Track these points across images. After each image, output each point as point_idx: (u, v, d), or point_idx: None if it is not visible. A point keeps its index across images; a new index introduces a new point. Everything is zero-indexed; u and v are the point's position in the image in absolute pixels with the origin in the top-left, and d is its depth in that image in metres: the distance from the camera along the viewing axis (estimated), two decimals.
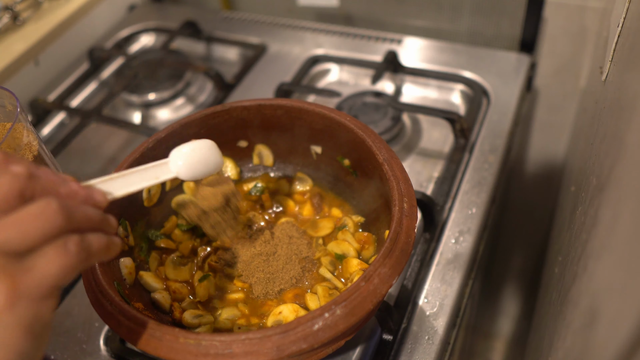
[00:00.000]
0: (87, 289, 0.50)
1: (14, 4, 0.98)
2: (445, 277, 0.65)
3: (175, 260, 0.61)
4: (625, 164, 0.35)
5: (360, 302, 0.45)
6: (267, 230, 0.63)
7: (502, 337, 1.45)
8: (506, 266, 1.38)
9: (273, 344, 0.43)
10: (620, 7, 0.58)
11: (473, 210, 0.71)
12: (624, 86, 0.46)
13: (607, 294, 0.32)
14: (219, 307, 0.58)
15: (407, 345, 0.60)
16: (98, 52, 1.00)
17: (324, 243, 0.62)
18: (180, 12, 1.11)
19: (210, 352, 0.44)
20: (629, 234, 0.30)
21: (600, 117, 0.58)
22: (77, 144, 0.89)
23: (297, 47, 0.99)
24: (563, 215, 0.85)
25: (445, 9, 1.00)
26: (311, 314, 0.44)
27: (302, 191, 0.67)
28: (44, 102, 0.92)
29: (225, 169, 0.68)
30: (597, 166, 0.50)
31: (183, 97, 0.96)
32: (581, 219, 0.53)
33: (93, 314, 0.66)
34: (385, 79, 0.92)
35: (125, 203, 0.59)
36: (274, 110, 0.63)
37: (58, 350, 0.64)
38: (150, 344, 0.45)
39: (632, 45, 0.47)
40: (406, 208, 0.51)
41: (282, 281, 0.58)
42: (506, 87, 0.87)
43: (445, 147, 0.81)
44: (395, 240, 0.49)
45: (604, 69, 0.62)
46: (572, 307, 0.43)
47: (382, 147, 0.56)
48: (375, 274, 0.46)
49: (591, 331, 0.33)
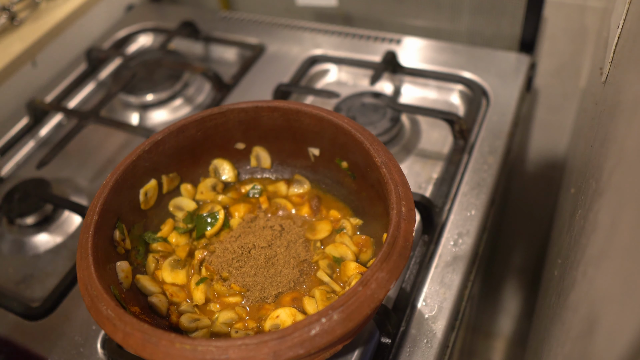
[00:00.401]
0: (83, 293, 0.50)
1: (11, 5, 0.98)
2: (444, 280, 0.65)
3: (173, 263, 0.60)
4: (625, 170, 0.35)
5: (357, 307, 0.45)
6: (265, 233, 0.62)
7: (502, 336, 1.45)
8: (506, 265, 1.38)
9: (270, 349, 0.43)
10: (621, 8, 0.57)
11: (472, 212, 0.71)
12: (624, 89, 0.46)
13: (606, 303, 0.31)
14: (216, 310, 0.58)
15: (405, 348, 0.59)
16: (96, 53, 0.99)
17: (322, 246, 0.61)
18: (178, 12, 1.11)
19: (206, 357, 0.43)
20: (628, 242, 0.29)
21: (600, 119, 0.57)
22: (75, 145, 0.89)
23: (296, 48, 0.99)
24: (563, 217, 0.84)
25: (444, 8, 1.00)
26: (308, 319, 0.44)
27: (299, 194, 0.67)
28: (41, 103, 0.92)
29: (222, 171, 0.67)
30: (596, 169, 0.49)
31: (181, 98, 0.95)
32: (581, 223, 0.52)
33: (90, 317, 0.66)
34: (384, 80, 0.91)
35: (122, 206, 0.59)
36: (271, 113, 0.63)
37: (55, 354, 0.64)
38: (146, 349, 0.45)
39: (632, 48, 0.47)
40: (404, 212, 0.51)
41: (280, 284, 0.58)
42: (506, 87, 0.86)
43: (445, 148, 0.80)
44: (393, 245, 0.48)
45: (604, 70, 0.62)
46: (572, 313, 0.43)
47: (380, 149, 0.56)
48: (372, 278, 0.46)
49: (590, 339, 0.33)
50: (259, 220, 0.64)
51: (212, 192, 0.66)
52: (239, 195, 0.67)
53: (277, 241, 0.61)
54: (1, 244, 0.77)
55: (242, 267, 0.59)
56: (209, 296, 0.59)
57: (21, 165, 0.89)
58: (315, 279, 0.59)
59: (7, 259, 0.76)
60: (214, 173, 0.67)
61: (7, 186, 0.82)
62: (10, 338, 0.66)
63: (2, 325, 0.67)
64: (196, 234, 0.64)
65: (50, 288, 0.70)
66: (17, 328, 0.67)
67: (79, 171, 0.85)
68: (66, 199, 0.76)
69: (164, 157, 0.62)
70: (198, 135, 0.63)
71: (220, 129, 0.64)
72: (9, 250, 0.76)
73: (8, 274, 0.74)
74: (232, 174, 0.68)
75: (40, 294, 0.71)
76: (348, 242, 0.60)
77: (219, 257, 0.61)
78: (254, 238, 0.61)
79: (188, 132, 0.63)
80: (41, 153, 0.89)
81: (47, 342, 0.65)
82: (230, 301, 0.58)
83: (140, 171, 0.61)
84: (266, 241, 0.61)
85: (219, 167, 0.67)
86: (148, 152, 0.60)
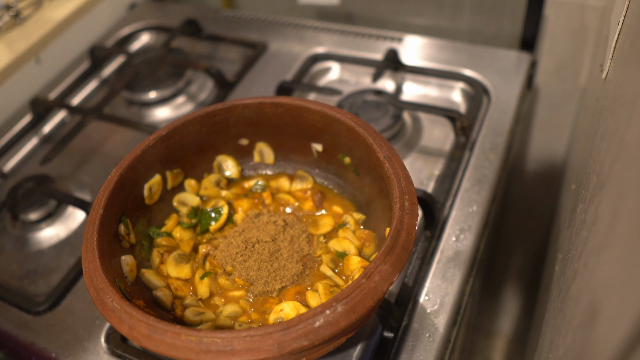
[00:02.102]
0: (89, 286, 0.50)
1: (15, 2, 0.98)
2: (446, 275, 0.65)
3: (177, 257, 0.61)
4: (625, 161, 0.35)
5: (361, 299, 0.45)
6: (268, 228, 0.63)
7: (503, 335, 1.46)
8: (506, 264, 1.38)
9: (274, 340, 0.43)
10: (621, 6, 0.58)
11: (474, 208, 0.71)
12: (624, 84, 0.46)
13: (607, 291, 0.32)
14: (220, 304, 0.58)
15: (408, 342, 0.60)
16: (99, 51, 1.00)
17: (325, 240, 0.62)
18: (181, 11, 1.12)
19: (211, 349, 0.44)
20: (629, 231, 0.30)
21: (601, 115, 0.58)
22: (78, 143, 0.89)
23: (298, 46, 0.99)
24: (564, 213, 0.85)
25: (445, 7, 1.00)
26: (312, 311, 0.44)
27: (303, 189, 0.67)
28: (44, 101, 0.92)
29: (226, 167, 0.68)
30: (597, 164, 0.50)
31: (184, 96, 0.96)
32: (582, 217, 0.53)
33: (94, 312, 0.67)
34: (385, 77, 0.92)
35: (127, 200, 0.60)
36: (275, 108, 0.64)
37: (59, 348, 0.64)
38: (151, 341, 0.45)
39: (632, 44, 0.47)
40: (407, 205, 0.51)
41: (284, 279, 0.58)
42: (507, 85, 0.87)
43: (446, 145, 0.81)
44: (396, 238, 0.49)
45: (604, 67, 0.62)
46: (573, 304, 0.43)
47: (382, 144, 0.56)
48: (376, 271, 0.46)
49: (591, 328, 0.33)
50: (262, 215, 0.64)
51: (216, 188, 0.67)
52: (243, 191, 0.68)
53: (281, 236, 0.61)
54: (5, 239, 0.78)
55: (246, 262, 0.60)
56: (213, 290, 0.59)
57: (25, 162, 0.89)
58: (319, 273, 0.59)
59: (11, 254, 0.76)
60: (217, 169, 0.68)
61: (11, 182, 0.83)
62: (15, 333, 0.67)
63: (7, 320, 0.68)
64: (200, 229, 0.64)
65: (54, 283, 0.71)
66: (21, 323, 0.67)
67: (82, 168, 0.86)
68: (70, 195, 0.77)
69: (168, 153, 0.63)
70: (202, 131, 0.64)
71: (224, 125, 0.65)
72: (13, 246, 0.77)
73: (12, 269, 0.74)
74: (236, 170, 0.68)
75: (44, 289, 0.71)
76: (351, 236, 0.60)
77: (223, 252, 0.61)
78: (257, 233, 0.61)
79: (192, 128, 0.63)
80: (45, 150, 0.90)
81: (51, 337, 0.66)
82: (234, 295, 0.58)
83: (145, 166, 0.61)
84: (270, 236, 0.61)
85: (222, 163, 0.68)
86: (153, 147, 0.61)
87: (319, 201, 0.66)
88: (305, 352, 0.49)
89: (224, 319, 0.56)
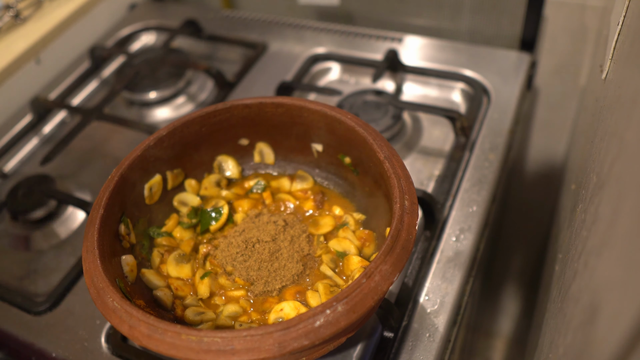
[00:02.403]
0: (89, 285, 0.50)
1: (15, 2, 0.98)
2: (446, 275, 0.65)
3: (177, 257, 0.61)
4: (625, 161, 0.36)
5: (361, 299, 0.45)
6: (269, 228, 0.63)
7: (503, 335, 1.46)
8: (506, 265, 1.38)
9: (274, 340, 0.43)
10: (620, 6, 0.58)
11: (474, 208, 0.71)
12: (624, 84, 0.46)
13: (607, 290, 0.32)
14: (220, 304, 0.58)
15: (408, 342, 0.60)
16: (99, 51, 1.00)
17: (325, 240, 0.62)
18: (181, 11, 1.12)
19: (211, 348, 0.44)
20: (629, 230, 0.30)
21: (601, 115, 0.58)
22: (78, 143, 0.89)
23: (298, 46, 0.99)
24: (563, 213, 0.85)
25: (445, 7, 1.00)
26: (312, 311, 0.44)
27: (303, 189, 0.67)
28: (45, 101, 0.92)
29: (226, 167, 0.68)
30: (597, 163, 0.50)
31: (184, 96, 0.96)
32: (582, 217, 0.53)
33: (94, 312, 0.67)
34: (385, 78, 0.92)
35: (127, 200, 0.60)
36: (275, 109, 0.64)
37: (60, 348, 0.64)
38: (152, 340, 0.45)
39: (632, 44, 0.47)
40: (407, 205, 0.51)
41: (284, 278, 0.59)
42: (506, 85, 0.87)
43: (446, 145, 0.81)
44: (397, 238, 0.49)
45: (604, 68, 0.62)
46: (573, 304, 0.44)
47: (383, 144, 0.56)
48: (376, 271, 0.46)
49: (591, 327, 0.33)
50: (262, 215, 0.64)
51: (216, 188, 0.67)
52: (243, 191, 0.68)
53: (281, 236, 0.61)
54: (5, 239, 0.78)
55: (246, 261, 0.60)
56: (214, 290, 0.59)
57: (25, 162, 0.89)
58: (319, 273, 0.59)
59: (12, 254, 0.76)
60: (218, 169, 0.68)
61: (11, 182, 0.83)
62: (15, 333, 0.67)
63: (7, 320, 0.68)
64: (200, 229, 0.64)
65: (54, 283, 0.71)
66: (21, 323, 0.67)
67: (82, 168, 0.86)
68: (70, 195, 0.77)
69: (168, 153, 0.63)
70: (202, 131, 0.64)
71: (224, 125, 0.65)
72: (13, 246, 0.77)
73: (12, 269, 0.74)
74: (236, 170, 0.68)
75: (44, 289, 0.71)
76: (351, 236, 0.60)
77: (223, 252, 0.61)
78: (257, 233, 0.61)
79: (192, 128, 0.63)
80: (45, 150, 0.90)
81: (52, 337, 0.66)
82: (234, 295, 0.59)
83: (145, 166, 0.61)
84: (270, 236, 0.61)
85: (223, 163, 0.68)
86: (153, 147, 0.61)
87: (319, 201, 0.66)
88: (305, 352, 0.49)
89: (224, 319, 0.56)
